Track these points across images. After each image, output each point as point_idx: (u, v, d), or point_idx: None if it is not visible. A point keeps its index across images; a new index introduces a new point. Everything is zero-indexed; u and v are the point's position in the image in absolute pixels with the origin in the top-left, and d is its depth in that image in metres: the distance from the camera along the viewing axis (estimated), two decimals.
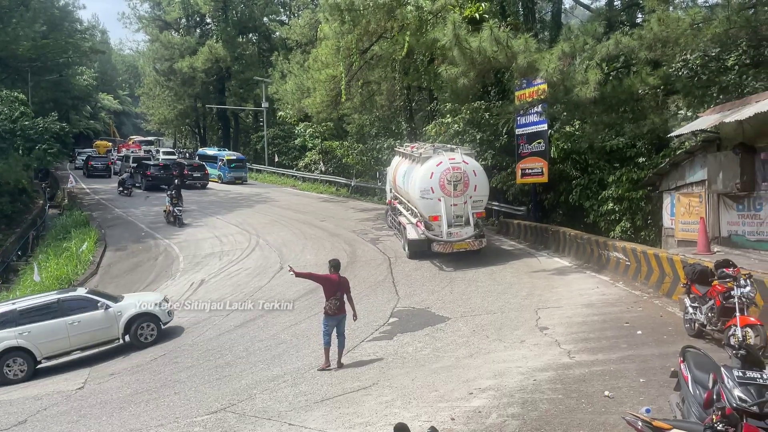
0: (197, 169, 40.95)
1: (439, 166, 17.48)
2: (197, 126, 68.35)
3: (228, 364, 11.69)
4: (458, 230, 17.37)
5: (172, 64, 55.46)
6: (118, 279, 20.44)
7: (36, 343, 13.35)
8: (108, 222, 29.06)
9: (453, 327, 12.01)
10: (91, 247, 23.46)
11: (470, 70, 15.15)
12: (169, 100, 60.94)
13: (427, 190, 17.44)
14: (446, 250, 17.29)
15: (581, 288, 14.04)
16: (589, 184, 19.43)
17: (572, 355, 9.73)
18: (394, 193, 22.31)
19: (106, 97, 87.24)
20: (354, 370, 10.20)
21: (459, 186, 17.36)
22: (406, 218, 19.51)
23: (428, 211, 17.58)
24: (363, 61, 25.40)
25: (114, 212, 31.61)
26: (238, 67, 55.77)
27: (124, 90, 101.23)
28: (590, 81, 13.79)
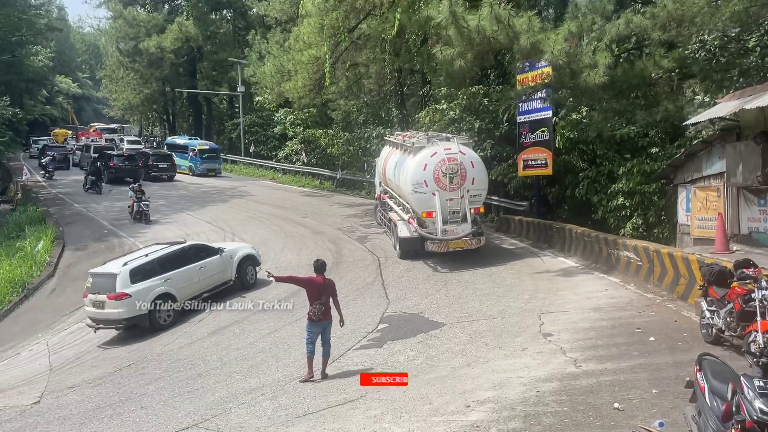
0: (163, 158, 40.76)
1: (433, 157, 17.38)
2: (166, 112, 67.92)
3: (200, 376, 11.64)
4: (454, 227, 17.29)
5: (137, 43, 54.95)
6: (78, 281, 20.23)
7: (177, 289, 15.45)
8: (66, 218, 28.80)
9: (448, 333, 12.02)
10: (47, 247, 23.25)
11: (468, 52, 15.13)
12: (134, 83, 60.45)
13: (420, 183, 17.31)
14: (441, 250, 17.22)
15: (589, 290, 14.09)
16: (597, 176, 19.51)
17: (579, 363, 9.76)
18: (384, 187, 22.28)
19: (63, 80, 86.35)
20: (340, 382, 10.18)
21: (455, 179, 17.26)
22: (397, 214, 19.48)
23: (421, 207, 17.48)
24: (350, 40, 25.31)
25: (73, 208, 31.34)
26: (210, 47, 55.39)
27: (84, 72, 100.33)
28: (599, 64, 13.82)
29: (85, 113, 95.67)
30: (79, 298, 18.13)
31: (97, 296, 14.91)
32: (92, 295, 15.04)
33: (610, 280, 14.91)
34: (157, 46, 52.90)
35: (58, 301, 19.08)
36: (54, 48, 77.75)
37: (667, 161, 16.55)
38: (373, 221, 24.23)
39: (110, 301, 14.69)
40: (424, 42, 24.60)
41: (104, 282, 14.96)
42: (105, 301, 14.76)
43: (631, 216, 18.06)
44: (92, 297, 15.04)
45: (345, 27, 23.63)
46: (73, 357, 14.42)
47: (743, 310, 9.36)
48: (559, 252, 18.11)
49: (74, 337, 15.90)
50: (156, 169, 39.06)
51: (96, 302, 14.96)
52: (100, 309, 14.93)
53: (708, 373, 6.20)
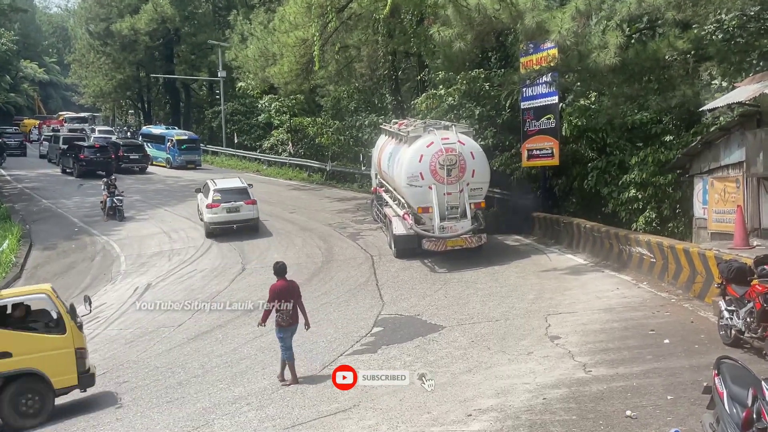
0: (135, 149, 40.85)
1: (429, 148, 17.28)
2: (140, 100, 67.61)
3: (180, 384, 11.63)
4: (453, 224, 17.15)
5: (108, 24, 54.62)
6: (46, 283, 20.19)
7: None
8: (34, 215, 28.69)
9: (448, 337, 12.05)
10: (13, 246, 23.15)
11: (467, 32, 15.13)
12: (105, 68, 60.08)
13: (416, 176, 17.18)
14: (439, 248, 17.09)
15: (598, 290, 14.15)
16: (607, 167, 19.51)
17: (588, 368, 9.80)
18: (379, 180, 22.23)
19: (29, 65, 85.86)
20: (331, 390, 10.17)
21: (454, 171, 17.14)
22: (392, 210, 19.42)
23: (417, 202, 17.37)
24: (339, 21, 25.24)
25: (41, 204, 31.21)
26: (189, 28, 55.15)
27: (52, 57, 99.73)
28: (609, 45, 13.83)
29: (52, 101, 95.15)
30: None
31: (232, 204, 22.69)
32: (226, 204, 22.64)
33: (621, 278, 14.96)
34: (130, 27, 52.58)
35: None
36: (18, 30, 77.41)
37: (683, 150, 16.58)
38: (367, 216, 24.23)
39: (246, 205, 22.89)
40: (420, 22, 24.57)
41: (237, 194, 23.10)
42: (242, 205, 22.74)
43: (643, 209, 18.08)
44: (226, 205, 22.62)
45: (334, 6, 23.58)
46: None
47: (764, 310, 9.41)
48: (567, 248, 18.17)
49: None
50: (127, 161, 39.00)
51: (231, 208, 22.63)
52: (235, 213, 22.73)
53: (727, 378, 6.23)
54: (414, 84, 33.36)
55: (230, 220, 22.70)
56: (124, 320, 16.32)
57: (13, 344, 10.75)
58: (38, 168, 42.20)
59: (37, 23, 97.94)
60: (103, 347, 14.69)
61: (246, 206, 22.90)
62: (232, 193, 23.10)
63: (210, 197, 22.93)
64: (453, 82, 24.61)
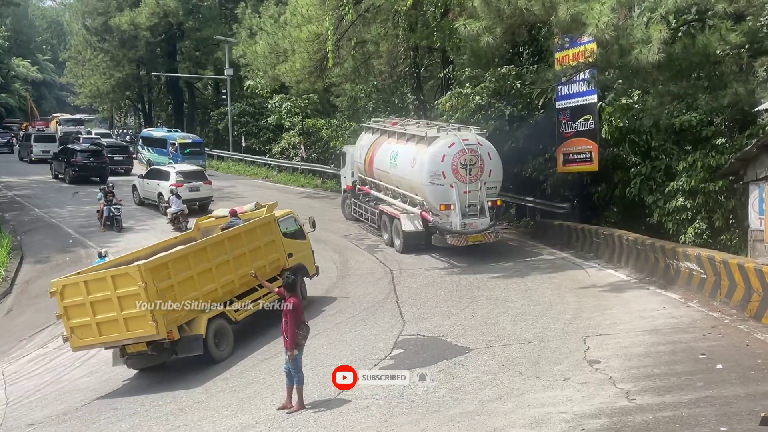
0: (119, 150, 42.88)
1: (451, 148, 19.20)
2: (141, 100, 68.44)
3: (182, 411, 11.68)
4: (473, 221, 19.24)
5: (107, 19, 55.36)
6: (39, 300, 20.35)
7: None
8: (25, 225, 29.04)
9: (476, 360, 12.00)
10: (3, 259, 23.45)
11: (496, 25, 15.14)
12: (103, 66, 60.80)
13: (438, 174, 19.14)
14: (461, 243, 19.05)
15: (643, 309, 14.05)
16: (652, 173, 19.42)
17: (632, 396, 9.73)
18: (363, 178, 24.66)
19: (21, 63, 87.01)
20: (347, 418, 10.19)
21: (474, 170, 19.20)
22: (396, 207, 21.39)
23: (439, 199, 19.27)
24: (356, 13, 25.40)
25: (33, 213, 31.59)
26: (193, 23, 55.73)
27: (45, 54, 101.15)
28: (653, 39, 13.76)
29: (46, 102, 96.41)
30: (40, 320, 18.37)
31: (193, 183, 29.04)
32: (188, 183, 28.70)
33: (668, 296, 14.87)
34: (130, 22, 53.21)
35: (15, 323, 19.19)
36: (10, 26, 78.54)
37: (736, 154, 16.43)
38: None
39: (204, 185, 29.70)
40: (444, 15, 24.56)
41: (197, 175, 30.17)
42: (201, 185, 29.43)
43: (693, 220, 17.96)
44: (189, 185, 28.66)
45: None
46: (34, 389, 14.49)
47: None
48: (607, 263, 18.08)
49: (35, 366, 15.98)
50: (111, 162, 39.98)
51: (193, 187, 28.87)
52: (196, 192, 28.91)
53: None
54: (438, 82, 33.42)
55: (192, 198, 28.51)
56: None
57: (292, 248, 16.68)
58: (30, 174, 42.75)
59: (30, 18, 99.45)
60: (99, 369, 14.82)
61: (204, 186, 29.70)
62: (192, 175, 29.87)
63: (173, 178, 28.59)
64: (481, 79, 24.65)
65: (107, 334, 13.09)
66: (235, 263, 14.73)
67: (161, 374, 13.86)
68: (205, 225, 17.24)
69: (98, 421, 12.00)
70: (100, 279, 13.10)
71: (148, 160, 41.74)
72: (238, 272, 14.70)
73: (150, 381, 13.59)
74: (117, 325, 12.93)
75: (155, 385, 13.25)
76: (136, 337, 12.93)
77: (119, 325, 12.91)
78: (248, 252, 15.20)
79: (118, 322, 12.89)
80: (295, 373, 10.76)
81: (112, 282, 12.87)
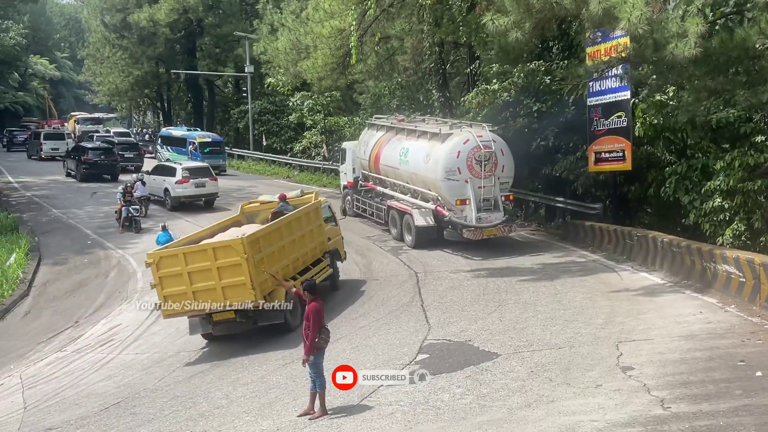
0: (129, 148, 44.65)
1: (466, 144, 20.39)
2: (160, 98, 69.00)
3: (202, 416, 11.76)
4: (488, 215, 20.43)
5: (125, 15, 55.92)
6: (56, 302, 20.69)
7: None
8: (43, 226, 29.43)
9: (504, 366, 11.98)
10: (21, 261, 23.73)
11: (525, 20, 15.10)
12: (122, 64, 61.39)
13: (453, 170, 20.31)
14: (477, 237, 20.22)
15: (678, 313, 13.96)
16: (688, 172, 19.26)
17: (667, 404, 9.66)
18: (367, 174, 25.78)
19: (39, 61, 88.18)
20: (370, 425, 10.21)
21: (488, 166, 20.36)
22: (407, 203, 22.50)
23: (454, 195, 20.42)
24: (380, 8, 25.46)
25: (51, 213, 32.01)
26: (213, 19, 56.09)
27: (64, 52, 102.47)
28: (689, 33, 13.64)
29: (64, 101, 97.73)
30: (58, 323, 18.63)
31: (200, 179, 30.65)
32: (194, 179, 30.44)
33: (705, 300, 14.75)
34: (149, 18, 53.72)
35: (33, 326, 19.44)
36: (28, 23, 79.53)
37: None
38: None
39: (210, 181, 31.19)
40: (470, 9, 24.55)
41: (203, 171, 31.48)
42: (207, 182, 30.94)
43: (731, 221, 17.78)
44: (195, 181, 30.45)
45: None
46: (52, 393, 14.66)
47: None
48: (641, 266, 17.98)
49: (53, 369, 16.17)
50: (122, 159, 41.31)
51: (199, 183, 30.59)
52: (201, 188, 30.74)
53: None
54: (464, 78, 33.39)
55: (197, 194, 30.85)
56: (140, 343, 16.61)
57: (330, 233, 18.58)
58: (47, 174, 43.33)
59: (48, 15, 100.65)
60: (117, 373, 14.98)
61: (210, 182, 31.19)
62: (198, 171, 31.40)
63: (179, 174, 30.38)
64: (508, 75, 24.59)
65: (203, 303, 14.48)
66: (299, 242, 16.66)
67: (180, 381, 13.96)
68: (249, 209, 18.78)
69: (117, 426, 12.11)
70: (201, 251, 14.69)
71: (168, 159, 42.14)
72: (301, 251, 16.67)
73: (170, 387, 13.69)
74: (214, 294, 14.39)
75: (174, 391, 13.36)
76: (233, 304, 14.39)
77: (217, 294, 14.38)
78: (306, 233, 17.05)
79: (216, 291, 14.37)
80: (317, 377, 10.80)
81: (213, 253, 14.42)
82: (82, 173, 39.01)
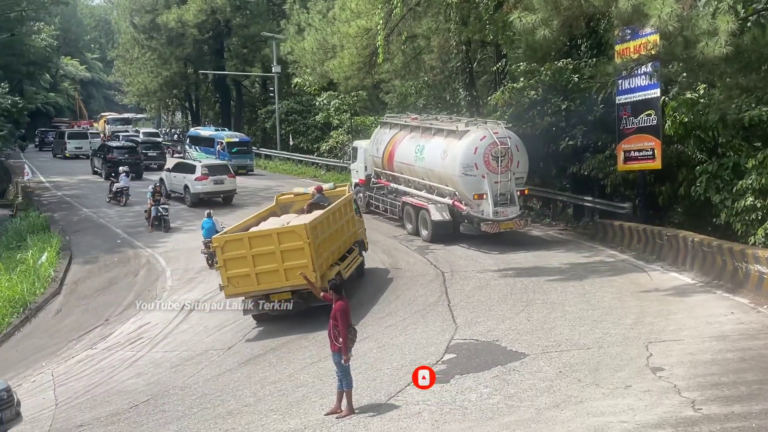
0: (152, 146, 46.74)
1: (483, 141, 21.04)
2: (188, 98, 69.60)
3: (231, 414, 11.85)
4: (504, 209, 21.15)
5: (155, 17, 56.44)
6: (87, 300, 20.96)
7: None
8: (74, 226, 29.84)
9: (531, 367, 11.94)
10: (52, 260, 24.07)
11: (553, 18, 15.04)
12: (151, 64, 62.02)
13: (471, 166, 21.00)
14: (494, 230, 21.04)
15: (709, 314, 13.85)
16: (719, 170, 19.05)
17: (698, 406, 9.59)
18: (379, 171, 26.36)
19: (69, 62, 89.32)
20: (398, 424, 10.22)
21: (504, 162, 21.06)
22: (423, 198, 23.10)
23: (471, 190, 21.11)
24: (406, 7, 25.43)
25: (81, 213, 32.45)
26: (240, 19, 56.47)
27: (94, 53, 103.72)
28: (720, 30, 13.49)
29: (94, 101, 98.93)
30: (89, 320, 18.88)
31: (218, 177, 31.54)
32: (213, 177, 31.36)
33: (736, 300, 14.62)
34: (177, 19, 54.18)
35: (64, 324, 19.73)
36: (59, 24, 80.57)
37: None
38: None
39: (228, 178, 32.02)
40: (498, 7, 24.45)
41: (221, 169, 32.51)
42: (225, 179, 31.86)
43: (763, 220, 17.56)
44: (214, 178, 31.38)
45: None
46: (83, 390, 14.87)
47: None
48: (671, 266, 17.84)
49: (83, 367, 16.39)
50: (145, 158, 43.32)
51: (218, 180, 31.49)
52: (220, 185, 31.59)
53: None
54: (491, 77, 33.26)
55: (216, 190, 31.72)
56: (169, 342, 16.78)
57: (358, 224, 19.43)
58: (78, 174, 43.94)
59: (79, 16, 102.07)
60: (147, 371, 15.15)
61: (228, 179, 32.10)
62: (217, 168, 32.41)
63: (198, 172, 31.30)
64: (536, 73, 24.48)
65: (264, 283, 15.52)
66: (340, 231, 17.70)
67: (209, 379, 14.07)
68: (284, 201, 19.82)
69: (146, 423, 12.25)
70: (266, 235, 15.80)
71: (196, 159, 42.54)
72: (341, 239, 17.81)
73: (198, 385, 13.81)
74: (277, 276, 15.42)
75: (203, 389, 13.47)
76: (294, 286, 15.27)
77: (279, 276, 15.40)
78: (344, 223, 18.17)
79: (279, 273, 15.37)
80: (343, 377, 10.86)
81: (277, 238, 15.47)
82: (106, 171, 39.99)
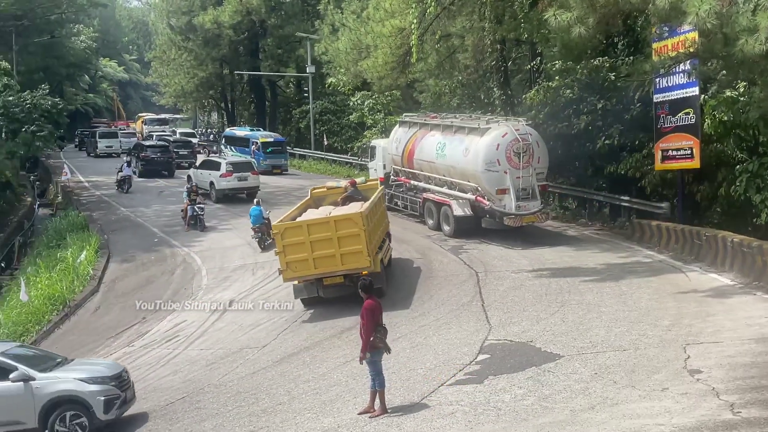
0: (183, 145, 48.26)
1: (505, 137, 21.57)
2: (224, 99, 70.20)
3: (265, 412, 11.97)
4: (526, 204, 21.79)
5: (191, 18, 57.07)
6: (125, 298, 21.29)
7: None
8: (112, 225, 30.33)
9: (566, 368, 11.87)
10: (91, 258, 24.49)
11: (589, 15, 14.94)
12: (187, 65, 62.58)
13: (493, 162, 21.53)
14: (516, 224, 21.74)
15: (749, 315, 13.67)
16: (759, 170, 18.78)
17: (737, 409, 9.45)
18: (398, 169, 26.92)
19: (108, 64, 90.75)
20: (431, 425, 10.22)
21: (525, 157, 21.60)
22: (445, 194, 23.76)
23: (494, 185, 21.66)
24: (440, 6, 25.40)
25: (119, 212, 32.98)
26: (275, 20, 56.81)
27: (131, 54, 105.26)
28: (760, 27, 13.27)
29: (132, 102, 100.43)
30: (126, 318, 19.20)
31: (242, 173, 32.81)
32: (237, 173, 32.61)
33: None
34: (213, 20, 54.73)
35: (102, 321, 20.09)
36: (98, 27, 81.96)
37: None
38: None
39: (252, 175, 33.21)
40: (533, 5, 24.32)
41: (245, 166, 33.95)
42: (249, 176, 33.01)
43: None
44: (238, 174, 32.62)
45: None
46: None
47: None
48: (710, 266, 17.63)
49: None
50: (177, 156, 44.57)
51: (242, 177, 32.70)
52: (244, 181, 32.79)
53: None
54: (525, 76, 33.08)
55: (240, 187, 32.87)
56: (205, 340, 16.99)
57: (387, 217, 20.58)
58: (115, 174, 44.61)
59: (117, 18, 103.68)
60: (183, 368, 15.36)
61: (252, 176, 33.15)
62: (241, 165, 33.72)
63: (223, 168, 32.59)
64: (572, 72, 24.33)
65: (321, 268, 16.56)
66: (379, 221, 18.86)
67: (243, 377, 14.21)
68: (318, 194, 20.92)
69: (182, 420, 12.43)
70: (324, 222, 16.93)
71: None
72: (380, 228, 19.01)
73: (233, 383, 13.95)
74: (333, 260, 16.46)
75: (237, 387, 13.60)
76: (350, 269, 16.36)
77: (335, 260, 16.45)
78: (381, 214, 19.36)
79: (335, 258, 16.44)
80: (375, 376, 10.88)
81: (334, 225, 16.58)
82: (140, 169, 41.48)
